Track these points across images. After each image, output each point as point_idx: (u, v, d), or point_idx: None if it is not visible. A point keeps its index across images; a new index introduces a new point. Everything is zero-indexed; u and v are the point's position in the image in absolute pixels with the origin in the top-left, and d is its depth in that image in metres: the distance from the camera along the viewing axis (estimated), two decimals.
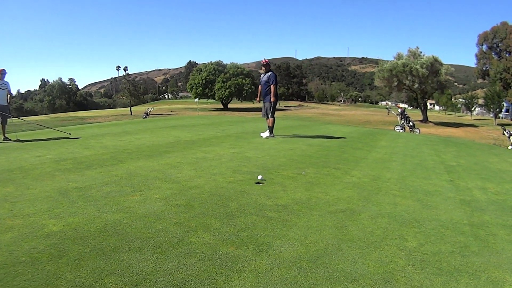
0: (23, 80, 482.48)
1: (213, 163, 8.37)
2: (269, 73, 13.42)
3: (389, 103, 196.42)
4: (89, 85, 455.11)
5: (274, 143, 11.81)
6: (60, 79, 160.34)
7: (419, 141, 17.28)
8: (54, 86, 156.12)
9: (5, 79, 13.90)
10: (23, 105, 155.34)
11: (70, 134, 14.18)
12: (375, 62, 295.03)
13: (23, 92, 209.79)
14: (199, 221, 4.62)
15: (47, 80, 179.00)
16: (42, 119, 74.32)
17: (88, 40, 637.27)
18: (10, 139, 13.57)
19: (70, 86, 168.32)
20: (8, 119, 13.99)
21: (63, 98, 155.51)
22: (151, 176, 7.06)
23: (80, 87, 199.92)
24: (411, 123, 31.78)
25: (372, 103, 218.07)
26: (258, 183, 6.52)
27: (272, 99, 13.41)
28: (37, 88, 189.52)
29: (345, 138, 15.18)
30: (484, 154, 14.19)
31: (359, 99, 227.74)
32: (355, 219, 5.04)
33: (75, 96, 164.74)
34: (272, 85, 13.34)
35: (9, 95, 14.06)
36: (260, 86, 14.00)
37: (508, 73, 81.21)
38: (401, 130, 30.77)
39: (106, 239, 4.08)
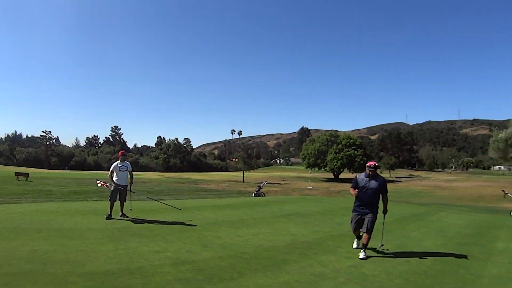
0: (140, 134, 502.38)
1: (330, 284, 8.21)
2: (381, 180, 10.97)
3: (502, 168, 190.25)
4: (203, 145, 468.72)
5: (389, 251, 11.46)
6: (176, 139, 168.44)
7: None
8: (169, 145, 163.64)
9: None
10: (139, 160, 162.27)
11: (180, 209, 14.67)
12: (488, 123, 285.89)
13: (139, 146, 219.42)
14: None
15: (163, 137, 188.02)
16: (156, 178, 77.29)
17: (205, 101, 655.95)
18: (127, 216, 14.44)
19: (185, 146, 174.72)
20: (126, 196, 14.86)
21: (178, 157, 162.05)
22: None
23: (194, 146, 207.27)
24: None
25: (484, 169, 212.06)
26: None
27: (384, 211, 11.08)
28: (153, 145, 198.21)
29: (460, 238, 14.63)
30: None
31: (471, 165, 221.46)
32: None
33: (189, 156, 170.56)
34: (385, 195, 11.08)
35: (129, 176, 15.01)
36: (355, 188, 11.09)
37: None
38: None
39: None
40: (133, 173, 15.52)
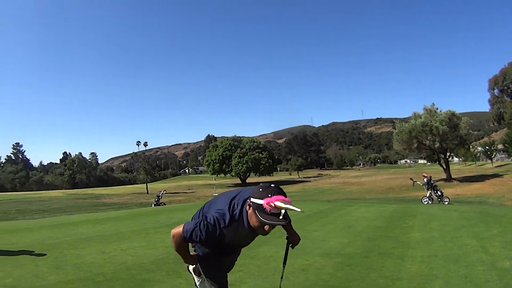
0: (46, 151, 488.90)
1: None
2: None
3: (408, 161, 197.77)
4: (111, 159, 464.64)
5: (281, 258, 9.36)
6: (80, 153, 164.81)
7: (454, 222, 15.15)
8: (74, 160, 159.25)
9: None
10: (43, 178, 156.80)
11: None
12: (390, 121, 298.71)
13: (45, 164, 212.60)
14: None
15: (69, 153, 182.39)
16: (58, 195, 74.08)
17: (112, 113, 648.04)
18: None
19: (90, 161, 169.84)
20: None
21: (84, 173, 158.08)
22: None
23: (103, 160, 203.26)
24: (439, 192, 29.42)
25: (391, 163, 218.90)
26: None
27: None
28: (58, 162, 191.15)
29: (370, 233, 12.89)
30: None
31: (378, 160, 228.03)
32: None
33: (95, 171, 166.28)
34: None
35: None
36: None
37: None
38: (429, 202, 28.74)
39: None
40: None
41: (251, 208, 3.45)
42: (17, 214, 33.94)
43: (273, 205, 3.27)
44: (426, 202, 28.95)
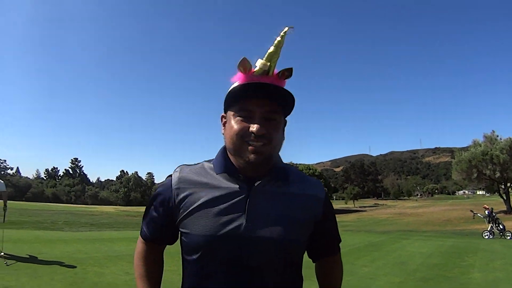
0: (104, 169, 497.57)
1: None
2: (315, 189, 1.80)
3: (467, 192, 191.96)
4: None
5: None
6: (136, 173, 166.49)
7: None
8: (130, 179, 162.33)
9: None
10: (99, 193, 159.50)
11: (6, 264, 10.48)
12: (449, 150, 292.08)
13: (102, 180, 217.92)
14: None
15: (126, 171, 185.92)
16: (109, 211, 74.56)
17: (171, 135, 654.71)
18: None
19: (146, 180, 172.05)
20: None
21: (138, 191, 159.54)
22: None
23: (159, 181, 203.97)
24: (500, 226, 27.54)
25: (449, 194, 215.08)
26: None
27: None
28: (115, 179, 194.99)
29: (425, 271, 11.52)
30: None
31: (436, 191, 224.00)
32: None
33: (150, 190, 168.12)
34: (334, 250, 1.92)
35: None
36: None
37: None
38: (491, 236, 26.91)
39: None
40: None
41: (224, 121, 1.82)
42: (64, 225, 33.75)
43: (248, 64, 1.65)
44: (487, 237, 27.04)
